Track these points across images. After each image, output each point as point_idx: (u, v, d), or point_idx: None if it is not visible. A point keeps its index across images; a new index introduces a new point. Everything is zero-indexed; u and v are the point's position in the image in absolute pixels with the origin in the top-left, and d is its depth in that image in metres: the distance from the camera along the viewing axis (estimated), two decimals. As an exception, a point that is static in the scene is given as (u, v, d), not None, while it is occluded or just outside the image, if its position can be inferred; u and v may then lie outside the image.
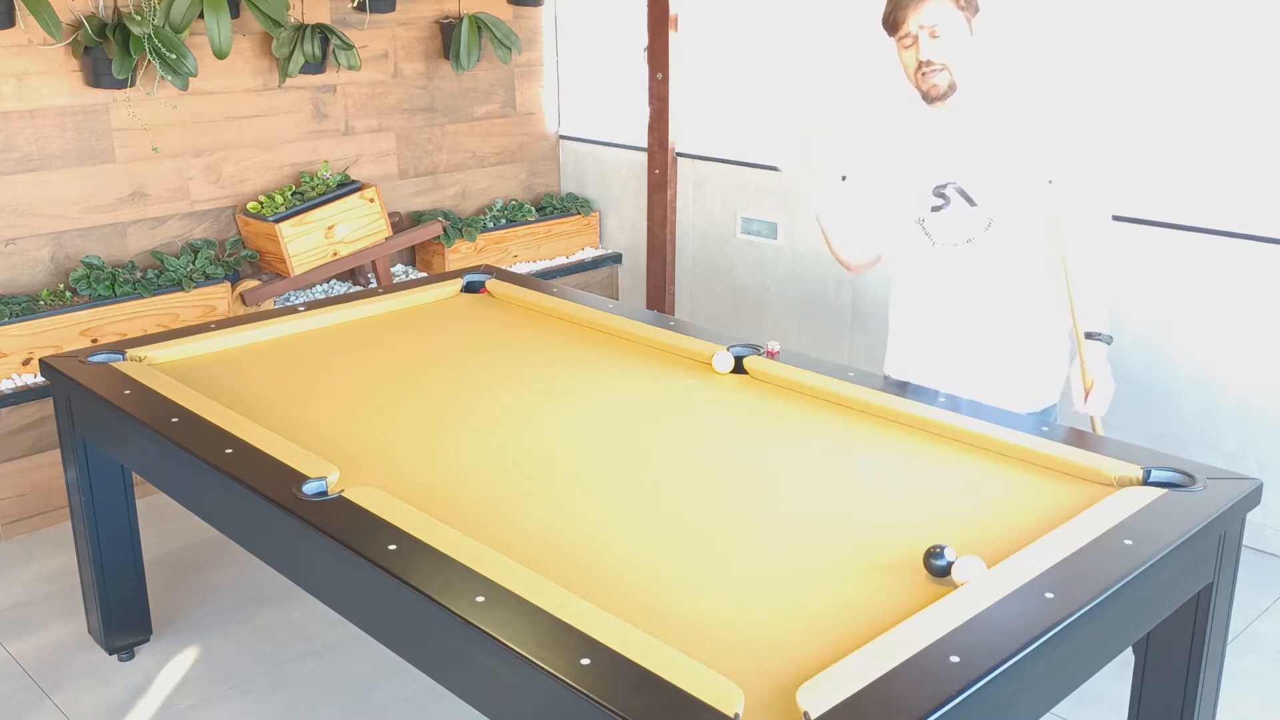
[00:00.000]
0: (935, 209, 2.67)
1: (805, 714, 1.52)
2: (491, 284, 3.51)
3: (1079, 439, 2.40)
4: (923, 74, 2.55)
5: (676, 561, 2.02)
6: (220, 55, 3.94)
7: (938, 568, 1.91)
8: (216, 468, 2.30)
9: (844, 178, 2.78)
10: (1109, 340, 2.59)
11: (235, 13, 4.03)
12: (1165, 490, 2.16)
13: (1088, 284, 2.60)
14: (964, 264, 2.67)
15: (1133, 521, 2.04)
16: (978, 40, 2.55)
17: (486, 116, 5.08)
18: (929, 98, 2.59)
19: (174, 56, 3.83)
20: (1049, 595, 1.81)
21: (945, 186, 2.65)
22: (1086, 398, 2.56)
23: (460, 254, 4.81)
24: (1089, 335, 2.58)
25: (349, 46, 4.41)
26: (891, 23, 2.55)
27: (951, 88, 2.56)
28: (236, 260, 4.29)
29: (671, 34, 4.72)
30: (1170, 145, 3.55)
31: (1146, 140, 3.58)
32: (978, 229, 2.63)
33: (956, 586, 1.86)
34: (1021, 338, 2.70)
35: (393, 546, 1.98)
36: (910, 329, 2.83)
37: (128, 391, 2.67)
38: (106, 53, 3.82)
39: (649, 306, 5.05)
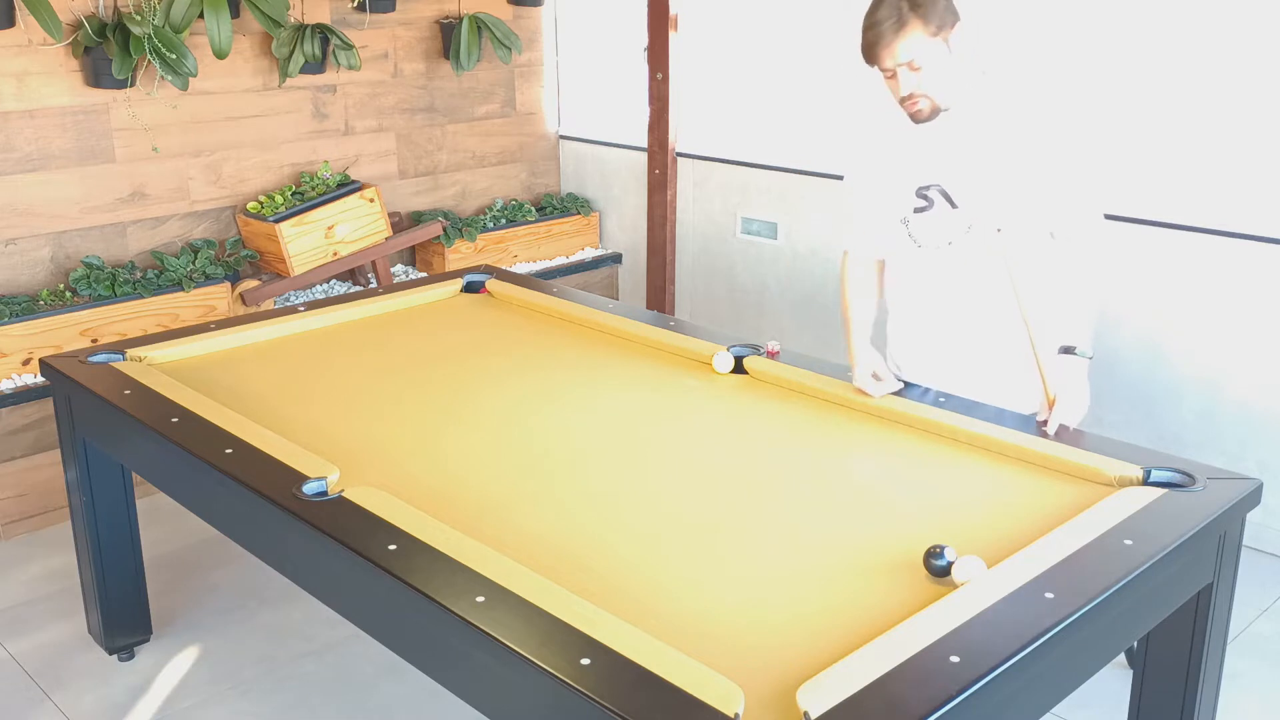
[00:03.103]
0: (918, 210, 2.67)
1: (805, 714, 1.52)
2: (491, 284, 3.52)
3: (1079, 439, 2.40)
4: (905, 103, 2.53)
5: (676, 561, 2.02)
6: (220, 55, 3.94)
7: (938, 568, 1.91)
8: (216, 468, 2.30)
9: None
10: (1089, 356, 2.52)
11: (235, 13, 4.03)
12: (1165, 490, 2.16)
13: (1066, 295, 2.56)
14: (947, 266, 2.66)
15: (1133, 521, 2.04)
16: (959, 54, 2.52)
17: (486, 116, 5.08)
18: (916, 121, 2.58)
19: (174, 56, 3.83)
20: (1049, 595, 1.81)
21: (929, 188, 2.65)
22: (1051, 410, 2.47)
23: (460, 254, 4.81)
24: (1065, 349, 2.52)
25: (349, 46, 4.41)
26: (869, 57, 2.52)
27: (935, 111, 2.54)
28: (236, 260, 4.29)
29: (671, 34, 4.72)
30: (1169, 145, 3.55)
31: (1146, 140, 3.58)
32: (958, 231, 2.62)
33: (956, 586, 1.86)
34: (1008, 341, 2.67)
35: (393, 546, 1.98)
36: (902, 329, 2.83)
37: (128, 391, 2.67)
38: (106, 53, 3.82)
39: (649, 306, 5.05)
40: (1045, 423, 2.46)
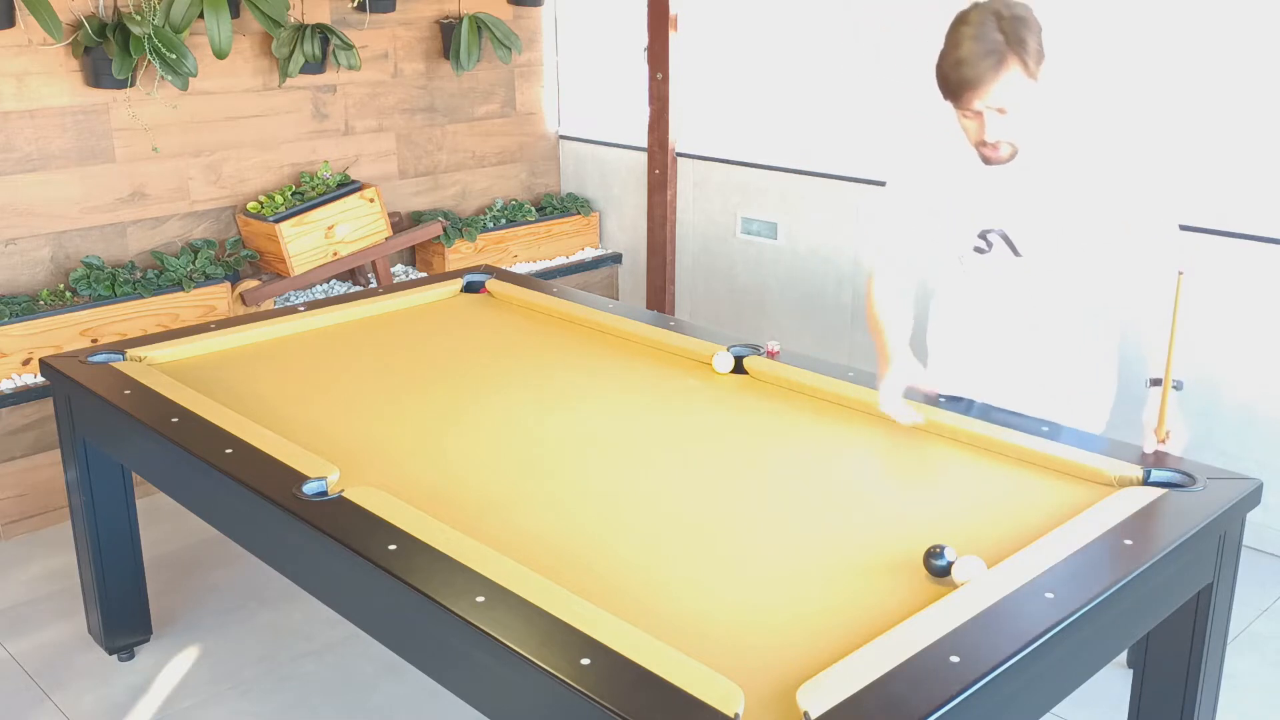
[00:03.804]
0: (977, 250, 2.54)
1: (805, 714, 1.52)
2: (491, 284, 3.52)
3: (1079, 439, 2.40)
4: (983, 148, 2.33)
5: (676, 561, 2.02)
6: (220, 55, 3.94)
7: (938, 568, 1.91)
8: (216, 468, 2.30)
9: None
10: (1179, 386, 2.40)
11: (235, 13, 4.03)
12: (1165, 490, 2.16)
13: (1152, 323, 2.43)
14: (1005, 308, 2.56)
15: (1133, 521, 2.04)
16: (1042, 93, 2.29)
17: (486, 116, 5.08)
18: (989, 163, 2.37)
19: (174, 56, 3.83)
20: (1049, 595, 1.81)
21: (990, 231, 2.50)
22: (1163, 441, 2.35)
23: (460, 254, 4.81)
24: (1156, 381, 2.41)
25: (349, 46, 4.41)
26: (954, 96, 2.25)
27: (1013, 155, 2.34)
28: (236, 260, 4.29)
29: (671, 34, 4.72)
30: (1168, 145, 3.54)
31: (1144, 140, 3.58)
32: (1020, 279, 2.51)
33: (956, 586, 1.86)
34: (1060, 379, 2.61)
35: (393, 546, 1.98)
36: (948, 357, 2.75)
37: (128, 391, 2.67)
38: (106, 53, 3.82)
39: (649, 306, 5.05)
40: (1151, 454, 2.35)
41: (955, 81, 2.22)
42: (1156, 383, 2.41)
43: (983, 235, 2.52)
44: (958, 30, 2.23)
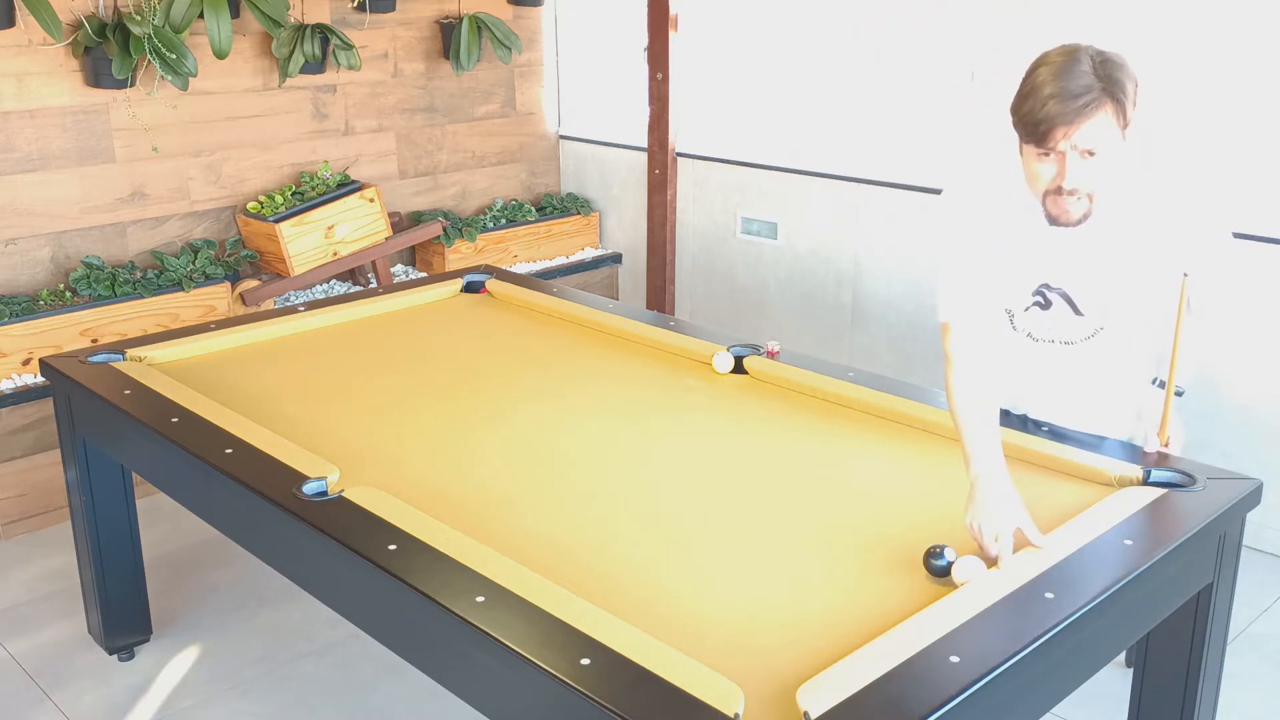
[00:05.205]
0: (1031, 307, 2.40)
1: (805, 714, 1.52)
2: (491, 284, 3.52)
3: (1079, 440, 2.40)
4: (1058, 197, 2.13)
5: (676, 561, 2.02)
6: (220, 55, 3.94)
7: (938, 568, 1.91)
8: (216, 468, 2.30)
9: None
10: (1180, 392, 2.36)
11: (235, 13, 4.03)
12: (1165, 490, 2.16)
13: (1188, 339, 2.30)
14: (1055, 357, 2.45)
15: (1133, 521, 2.04)
16: (1125, 154, 2.12)
17: (486, 116, 5.08)
18: (1056, 222, 2.18)
19: (174, 56, 3.83)
20: (1049, 595, 1.81)
21: (1050, 290, 2.36)
22: (1165, 445, 2.31)
23: (460, 254, 4.81)
24: (1161, 383, 2.37)
25: (349, 46, 4.41)
26: (1038, 132, 2.06)
27: (1085, 217, 2.16)
28: (236, 260, 4.29)
29: (671, 34, 4.72)
30: (1169, 144, 3.54)
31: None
32: (1080, 335, 2.39)
33: (956, 586, 1.86)
34: (1098, 403, 2.50)
35: (393, 546, 1.98)
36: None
37: (128, 391, 2.67)
38: (106, 53, 3.82)
39: (649, 306, 5.05)
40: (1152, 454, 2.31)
41: (1045, 116, 2.03)
42: (1163, 384, 2.38)
43: (1040, 292, 2.38)
44: (1042, 69, 2.07)
